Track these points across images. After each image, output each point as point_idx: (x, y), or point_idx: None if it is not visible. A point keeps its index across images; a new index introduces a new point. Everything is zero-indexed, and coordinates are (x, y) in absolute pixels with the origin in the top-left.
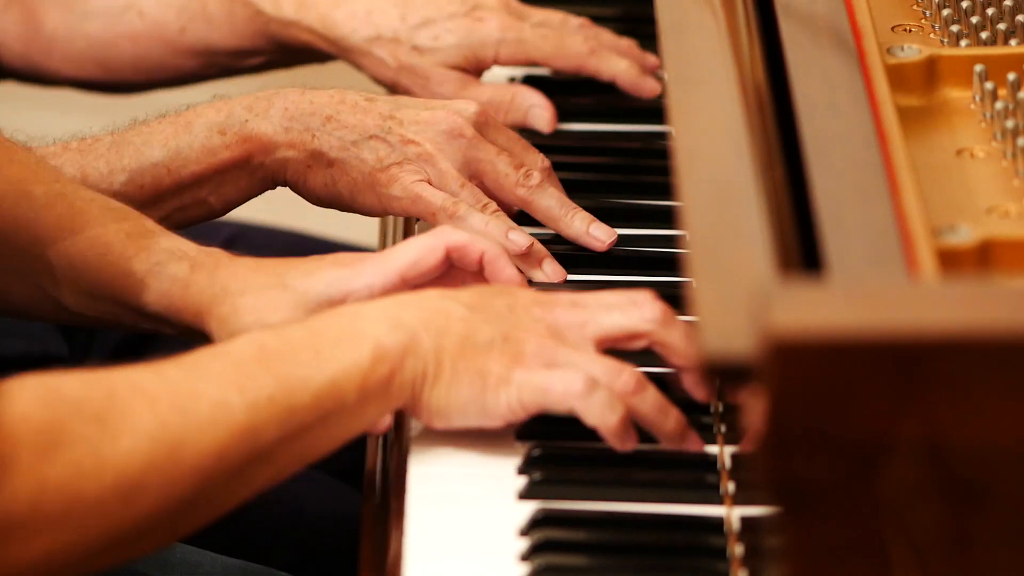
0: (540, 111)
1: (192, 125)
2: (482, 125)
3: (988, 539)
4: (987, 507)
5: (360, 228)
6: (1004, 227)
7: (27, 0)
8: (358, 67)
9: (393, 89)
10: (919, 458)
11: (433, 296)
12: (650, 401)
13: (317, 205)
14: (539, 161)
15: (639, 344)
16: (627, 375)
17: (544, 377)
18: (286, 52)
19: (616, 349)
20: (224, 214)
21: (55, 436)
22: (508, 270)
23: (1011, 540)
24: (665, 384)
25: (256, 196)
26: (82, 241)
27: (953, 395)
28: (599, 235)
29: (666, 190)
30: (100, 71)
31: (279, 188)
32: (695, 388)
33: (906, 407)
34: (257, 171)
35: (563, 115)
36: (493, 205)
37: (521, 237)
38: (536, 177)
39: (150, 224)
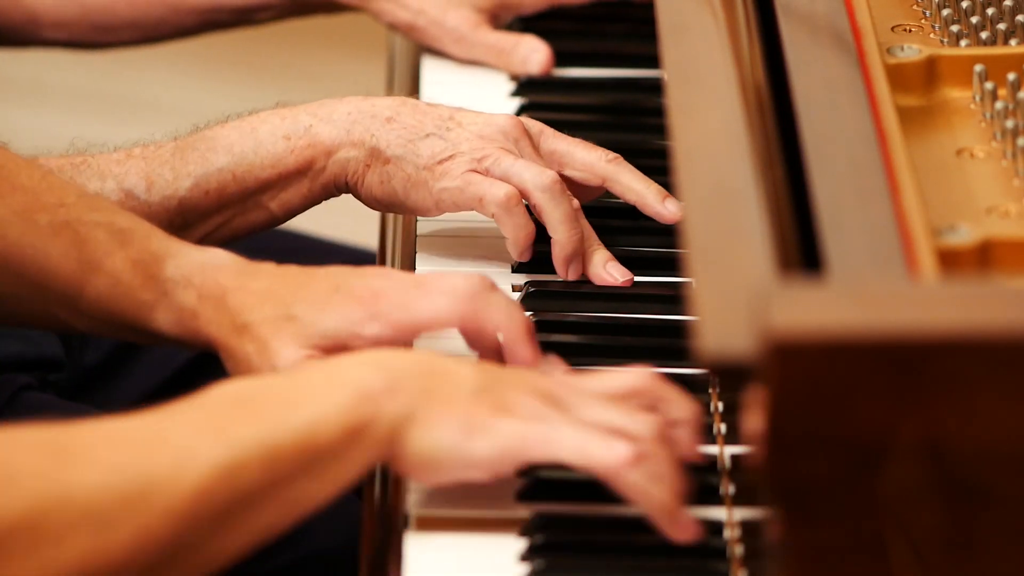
0: (538, 55)
1: (257, 131)
2: (537, 134)
3: (988, 539)
4: (987, 507)
5: (361, 229)
6: (1004, 227)
7: None
8: (376, 14)
9: (408, 34)
10: (919, 458)
11: (423, 351)
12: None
13: (374, 207)
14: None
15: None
16: (652, 420)
17: (576, 436)
18: (298, 3)
19: None
20: (283, 222)
21: (3, 472)
22: (524, 351)
23: (1011, 540)
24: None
25: (317, 204)
26: (89, 273)
27: (953, 395)
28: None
29: (666, 189)
30: (96, 33)
31: None
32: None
33: (906, 407)
34: (319, 176)
35: (564, 121)
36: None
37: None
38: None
39: (155, 244)
